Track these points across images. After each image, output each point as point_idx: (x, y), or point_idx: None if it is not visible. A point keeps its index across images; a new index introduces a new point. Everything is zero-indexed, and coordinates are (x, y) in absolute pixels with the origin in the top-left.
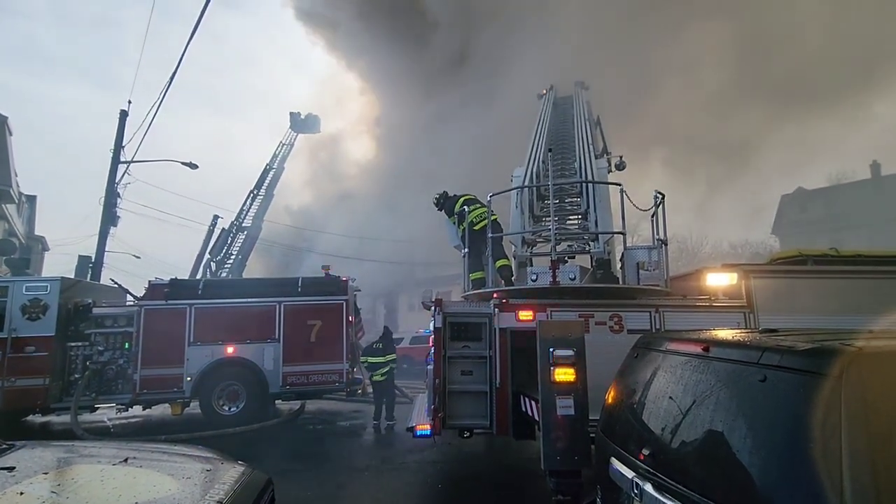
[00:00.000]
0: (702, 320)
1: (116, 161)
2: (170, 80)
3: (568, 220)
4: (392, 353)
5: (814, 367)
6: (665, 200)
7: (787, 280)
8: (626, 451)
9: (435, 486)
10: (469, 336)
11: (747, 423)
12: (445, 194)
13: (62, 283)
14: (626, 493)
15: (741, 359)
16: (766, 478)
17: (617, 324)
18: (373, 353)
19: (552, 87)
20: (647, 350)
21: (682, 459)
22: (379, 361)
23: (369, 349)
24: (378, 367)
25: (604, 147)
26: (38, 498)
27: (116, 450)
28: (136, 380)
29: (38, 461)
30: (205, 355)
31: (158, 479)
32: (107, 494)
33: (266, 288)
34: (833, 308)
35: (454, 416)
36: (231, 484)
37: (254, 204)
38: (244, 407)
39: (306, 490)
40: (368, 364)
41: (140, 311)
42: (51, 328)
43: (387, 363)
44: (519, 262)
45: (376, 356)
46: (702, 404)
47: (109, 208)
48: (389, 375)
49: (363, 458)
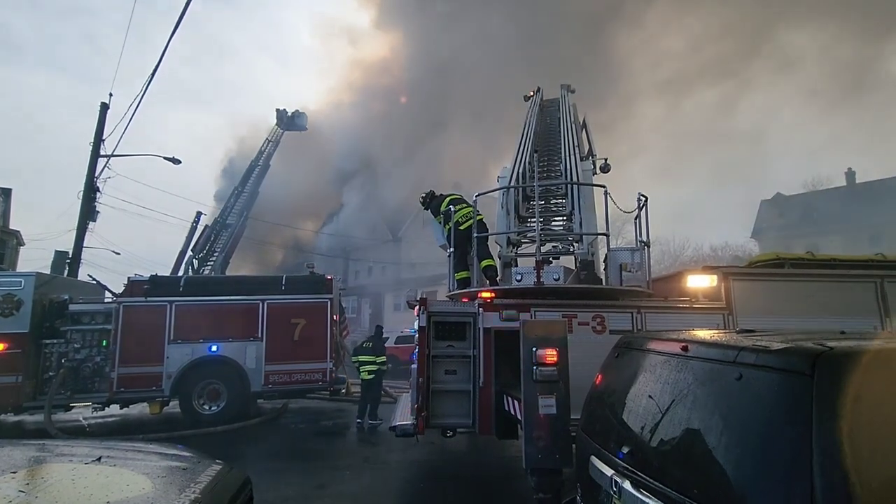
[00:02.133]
0: (682, 321)
1: (96, 155)
2: (152, 73)
3: (553, 221)
4: (382, 355)
5: (787, 366)
6: (648, 203)
7: (765, 282)
8: (606, 449)
9: (417, 485)
10: (453, 335)
11: (723, 421)
12: (432, 193)
13: (37, 279)
14: (606, 491)
15: (718, 358)
16: (741, 475)
17: (600, 324)
18: (362, 352)
19: (539, 89)
20: (628, 350)
21: (661, 457)
22: (367, 360)
23: (359, 347)
24: (365, 365)
25: (589, 149)
26: (4, 497)
27: (90, 448)
28: (113, 378)
29: (7, 460)
30: (185, 353)
31: (132, 479)
32: (78, 494)
33: (249, 286)
34: (809, 309)
35: (437, 415)
36: (207, 483)
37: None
38: (225, 406)
39: (287, 489)
40: (359, 362)
41: (119, 308)
42: (24, 325)
43: (375, 362)
44: (504, 263)
45: (366, 354)
46: (680, 403)
47: (88, 203)
48: (378, 375)
49: (345, 457)
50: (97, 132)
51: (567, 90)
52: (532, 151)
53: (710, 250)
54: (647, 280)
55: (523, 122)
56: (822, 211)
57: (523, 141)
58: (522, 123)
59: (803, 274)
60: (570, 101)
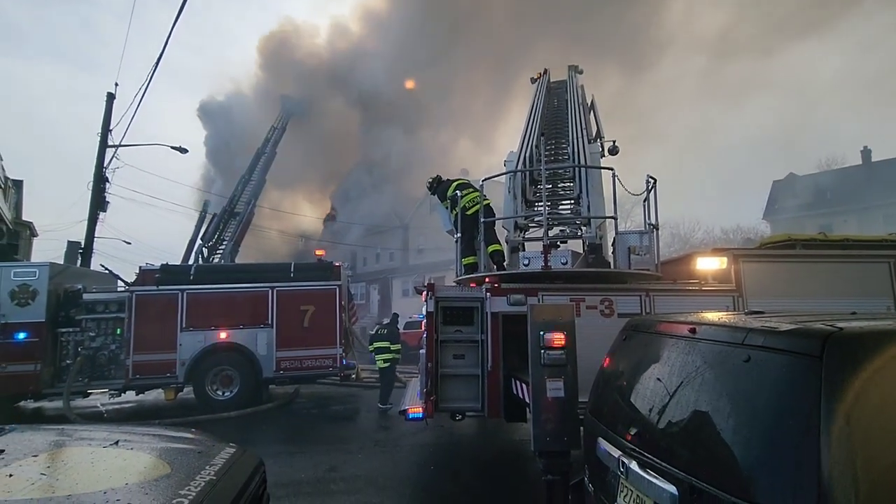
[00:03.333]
0: (691, 304)
1: (104, 145)
2: (156, 62)
3: (560, 204)
4: (397, 343)
5: (796, 347)
6: (657, 185)
7: (776, 264)
8: (613, 431)
9: (427, 467)
10: (461, 320)
11: (731, 403)
12: (439, 178)
13: (51, 269)
14: (613, 472)
15: (726, 340)
16: (749, 456)
17: (608, 308)
18: (378, 339)
19: (546, 71)
20: (636, 332)
21: (668, 438)
22: (383, 346)
23: (375, 335)
24: (381, 353)
25: (597, 131)
26: (27, 479)
27: (107, 433)
28: (128, 365)
29: (28, 444)
30: (197, 341)
31: (149, 461)
32: (97, 476)
33: (259, 273)
34: (821, 291)
35: (446, 399)
36: (222, 465)
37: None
38: (238, 392)
39: (300, 472)
40: (375, 349)
41: (131, 297)
42: (41, 314)
43: (390, 349)
44: (511, 247)
45: (382, 341)
46: (688, 385)
47: (98, 193)
48: (392, 363)
49: (356, 440)
50: (104, 122)
51: (574, 71)
52: (539, 134)
53: (720, 232)
54: (655, 263)
55: (530, 104)
56: (836, 191)
57: (530, 124)
58: (529, 106)
59: (815, 255)
60: (577, 83)
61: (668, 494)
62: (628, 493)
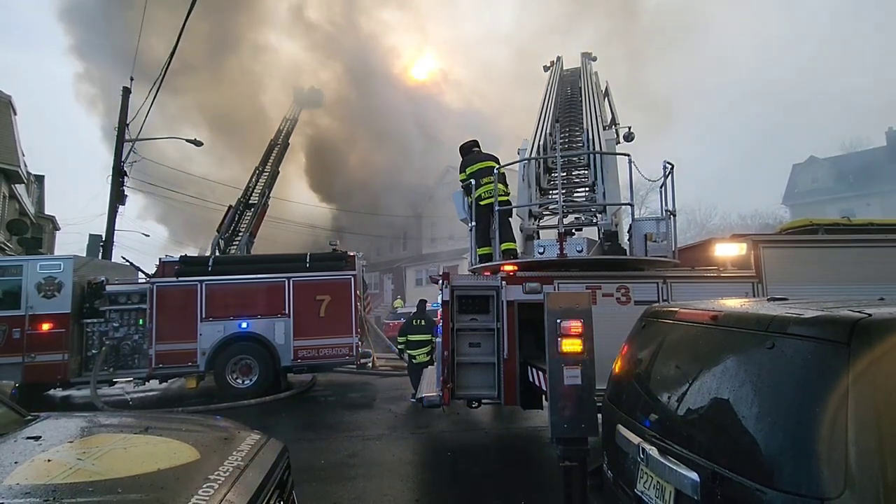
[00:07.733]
0: (710, 291)
1: (121, 139)
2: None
3: (575, 192)
4: (431, 332)
5: (822, 334)
6: (674, 170)
7: (797, 250)
8: (632, 418)
9: (445, 454)
10: (477, 309)
11: (754, 390)
12: (472, 144)
13: (75, 262)
14: (633, 458)
15: (750, 327)
16: (772, 443)
17: (624, 295)
18: (415, 330)
19: (559, 58)
20: (655, 320)
21: (688, 425)
22: (423, 339)
23: (409, 326)
24: (422, 346)
25: (612, 118)
26: (65, 464)
27: (136, 420)
28: (151, 355)
29: (63, 430)
30: (217, 330)
31: (178, 447)
32: (130, 461)
33: (274, 264)
34: (844, 277)
35: (463, 386)
36: (248, 451)
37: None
38: (257, 380)
39: (320, 458)
40: (408, 342)
41: (152, 288)
42: (66, 305)
43: (431, 342)
44: (526, 235)
45: (422, 334)
46: (708, 372)
47: (116, 187)
48: (431, 354)
49: (374, 427)
50: (121, 117)
51: (588, 58)
52: (553, 122)
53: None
54: (672, 250)
55: (543, 92)
56: (859, 173)
57: (544, 111)
58: (543, 93)
59: (838, 240)
60: (591, 70)
61: (690, 481)
62: (648, 480)
